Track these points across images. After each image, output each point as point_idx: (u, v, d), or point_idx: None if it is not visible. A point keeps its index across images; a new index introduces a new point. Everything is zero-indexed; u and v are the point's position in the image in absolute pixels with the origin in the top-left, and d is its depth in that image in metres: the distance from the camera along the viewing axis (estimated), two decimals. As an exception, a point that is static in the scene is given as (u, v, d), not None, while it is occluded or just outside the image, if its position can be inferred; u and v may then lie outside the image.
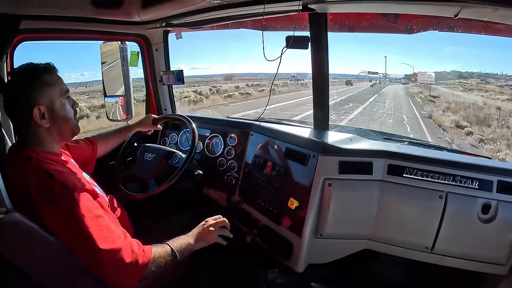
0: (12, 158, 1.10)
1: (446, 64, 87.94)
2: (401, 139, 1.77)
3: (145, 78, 2.26)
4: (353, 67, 49.17)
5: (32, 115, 1.03)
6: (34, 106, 1.03)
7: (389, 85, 31.93)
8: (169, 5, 1.45)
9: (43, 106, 1.04)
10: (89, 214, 0.96)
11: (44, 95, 1.05)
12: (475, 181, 1.33)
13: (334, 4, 1.42)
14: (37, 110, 1.03)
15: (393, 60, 58.08)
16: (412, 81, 30.21)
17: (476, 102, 17.40)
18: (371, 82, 33.59)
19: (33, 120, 1.04)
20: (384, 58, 39.95)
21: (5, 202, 0.94)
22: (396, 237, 1.42)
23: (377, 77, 35.12)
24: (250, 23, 1.98)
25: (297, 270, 1.45)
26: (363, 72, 38.14)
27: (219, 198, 1.89)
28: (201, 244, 1.23)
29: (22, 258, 0.90)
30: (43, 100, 1.05)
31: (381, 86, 31.02)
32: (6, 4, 1.28)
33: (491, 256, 1.35)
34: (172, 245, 1.14)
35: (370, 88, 31.42)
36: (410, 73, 35.14)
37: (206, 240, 1.25)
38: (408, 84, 30.69)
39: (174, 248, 1.13)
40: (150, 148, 1.80)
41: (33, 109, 1.03)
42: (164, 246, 1.13)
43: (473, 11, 1.19)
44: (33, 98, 1.03)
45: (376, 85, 32.10)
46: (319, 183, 1.41)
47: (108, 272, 0.97)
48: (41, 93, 1.05)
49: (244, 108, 17.25)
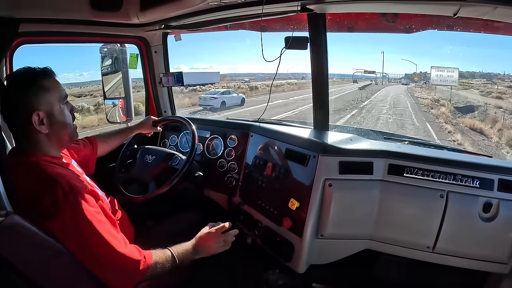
0: (13, 162, 1.09)
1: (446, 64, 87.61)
2: (402, 138, 1.77)
3: (144, 80, 2.26)
4: (347, 65, 47.67)
5: (30, 121, 1.00)
6: (32, 112, 1.00)
7: (388, 86, 25.26)
8: (167, 7, 1.45)
9: (42, 112, 1.02)
10: (92, 218, 0.97)
11: (42, 101, 1.03)
12: (476, 180, 1.33)
13: (333, 5, 1.42)
14: (36, 116, 1.01)
15: (391, 58, 57.29)
16: (415, 80, 24.96)
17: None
18: (359, 84, 23.92)
19: (32, 126, 1.01)
20: (381, 54, 31.54)
21: (5, 205, 0.94)
22: (398, 237, 1.42)
23: (373, 76, 27.49)
24: (249, 24, 1.98)
25: (298, 270, 1.45)
26: (359, 71, 30.61)
27: (220, 199, 1.89)
28: (202, 255, 1.24)
29: (22, 260, 0.90)
30: (41, 106, 1.02)
31: (377, 88, 23.94)
32: (5, 8, 1.28)
33: (493, 254, 1.34)
34: (173, 250, 1.14)
35: (356, 92, 20.90)
36: (410, 72, 29.92)
37: (208, 252, 1.25)
38: (409, 85, 25.08)
39: (174, 254, 1.13)
40: (150, 150, 1.80)
41: (32, 115, 1.00)
42: (165, 251, 1.13)
43: (472, 9, 1.19)
44: (32, 104, 1.01)
45: (369, 86, 23.99)
46: (320, 184, 1.41)
47: (107, 276, 0.99)
48: (39, 98, 1.02)
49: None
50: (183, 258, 1.15)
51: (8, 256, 0.88)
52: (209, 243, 1.25)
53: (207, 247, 1.24)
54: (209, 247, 1.25)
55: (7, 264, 0.88)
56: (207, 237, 1.25)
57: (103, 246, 0.97)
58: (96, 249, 0.97)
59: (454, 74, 6.41)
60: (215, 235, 1.26)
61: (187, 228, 1.52)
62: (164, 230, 1.52)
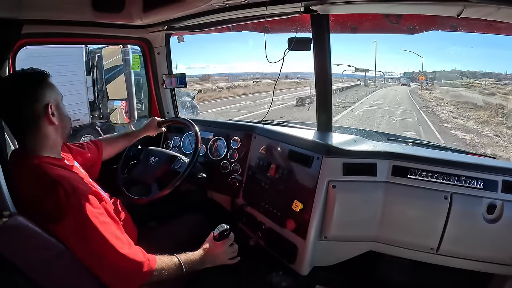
0: (16, 164, 1.10)
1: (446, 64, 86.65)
2: (405, 140, 1.76)
3: (147, 81, 2.26)
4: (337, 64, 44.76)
5: (46, 112, 1.06)
6: (48, 103, 1.06)
7: (382, 89, 18.98)
8: (170, 8, 1.45)
9: (53, 104, 1.08)
10: (95, 220, 0.97)
11: (52, 94, 1.10)
12: (480, 181, 1.32)
13: (336, 5, 1.41)
14: (50, 108, 1.07)
15: (389, 57, 56.40)
16: (422, 80, 20.45)
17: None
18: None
19: (45, 119, 1.06)
20: (373, 43, 25.62)
21: (8, 206, 0.94)
22: (401, 239, 1.41)
23: (362, 75, 22.49)
24: (252, 25, 1.98)
25: (302, 272, 1.44)
26: (349, 70, 25.16)
27: (223, 201, 1.89)
28: (209, 265, 1.25)
29: (25, 261, 0.90)
30: (52, 99, 1.09)
31: (367, 91, 17.97)
32: (8, 9, 1.28)
33: (497, 256, 1.34)
34: (181, 258, 1.14)
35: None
36: (409, 71, 25.09)
37: (215, 262, 1.27)
38: (410, 85, 20.03)
39: (182, 262, 1.14)
40: (153, 151, 1.80)
41: (48, 106, 1.06)
42: (172, 258, 1.13)
43: (476, 10, 1.19)
44: (46, 96, 1.07)
45: (348, 91, 17.80)
46: (323, 185, 1.41)
47: (109, 277, 0.99)
48: (50, 92, 1.09)
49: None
50: (190, 267, 1.16)
51: (11, 257, 0.88)
52: (217, 254, 1.27)
53: (215, 258, 1.27)
54: (217, 258, 1.27)
55: (10, 264, 0.88)
56: (215, 248, 1.27)
57: (106, 247, 0.97)
58: (99, 250, 0.97)
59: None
60: (223, 245, 1.29)
61: (190, 229, 1.53)
62: (167, 231, 1.51)
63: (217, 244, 1.27)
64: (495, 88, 16.92)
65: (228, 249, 1.31)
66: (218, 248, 1.27)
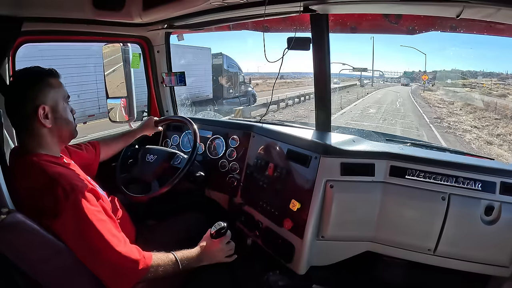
0: (15, 162, 1.10)
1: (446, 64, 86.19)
2: (404, 140, 1.76)
3: (147, 79, 2.27)
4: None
5: (36, 114, 1.04)
6: (39, 105, 1.05)
7: (380, 90, 18.14)
8: (170, 7, 1.45)
9: (47, 106, 1.07)
10: (93, 217, 0.97)
11: (49, 96, 1.08)
12: (478, 183, 1.32)
13: (336, 5, 1.41)
14: (42, 110, 1.05)
15: (388, 55, 56.02)
16: (424, 80, 19.44)
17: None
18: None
19: (37, 120, 1.05)
20: (371, 39, 23.19)
21: (7, 203, 0.94)
22: (399, 239, 1.41)
23: (358, 75, 20.54)
24: (251, 24, 1.98)
25: (299, 272, 1.44)
26: (346, 69, 23.58)
27: (221, 199, 1.89)
28: (206, 263, 1.26)
29: (24, 258, 0.91)
30: (48, 101, 1.07)
31: (360, 94, 16.67)
32: (8, 6, 1.28)
33: (494, 258, 1.33)
34: (177, 255, 1.15)
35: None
36: (410, 70, 22.75)
37: (212, 260, 1.28)
38: (410, 85, 18.82)
39: (178, 259, 1.14)
40: (151, 149, 1.80)
41: (38, 108, 1.04)
42: (168, 255, 1.14)
43: (476, 11, 1.18)
44: (38, 97, 1.05)
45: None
46: (321, 185, 1.41)
47: (105, 274, 0.99)
48: (45, 93, 1.07)
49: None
50: (186, 264, 1.16)
51: (9, 254, 0.89)
52: (213, 251, 1.27)
53: (212, 255, 1.27)
54: (213, 256, 1.28)
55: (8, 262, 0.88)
56: (212, 246, 1.27)
57: (103, 244, 0.97)
58: (96, 247, 0.97)
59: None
60: (220, 243, 1.29)
61: (188, 228, 1.53)
62: (165, 230, 1.52)
63: (214, 242, 1.28)
64: (502, 89, 16.07)
65: (225, 247, 1.31)
66: (215, 246, 1.28)
